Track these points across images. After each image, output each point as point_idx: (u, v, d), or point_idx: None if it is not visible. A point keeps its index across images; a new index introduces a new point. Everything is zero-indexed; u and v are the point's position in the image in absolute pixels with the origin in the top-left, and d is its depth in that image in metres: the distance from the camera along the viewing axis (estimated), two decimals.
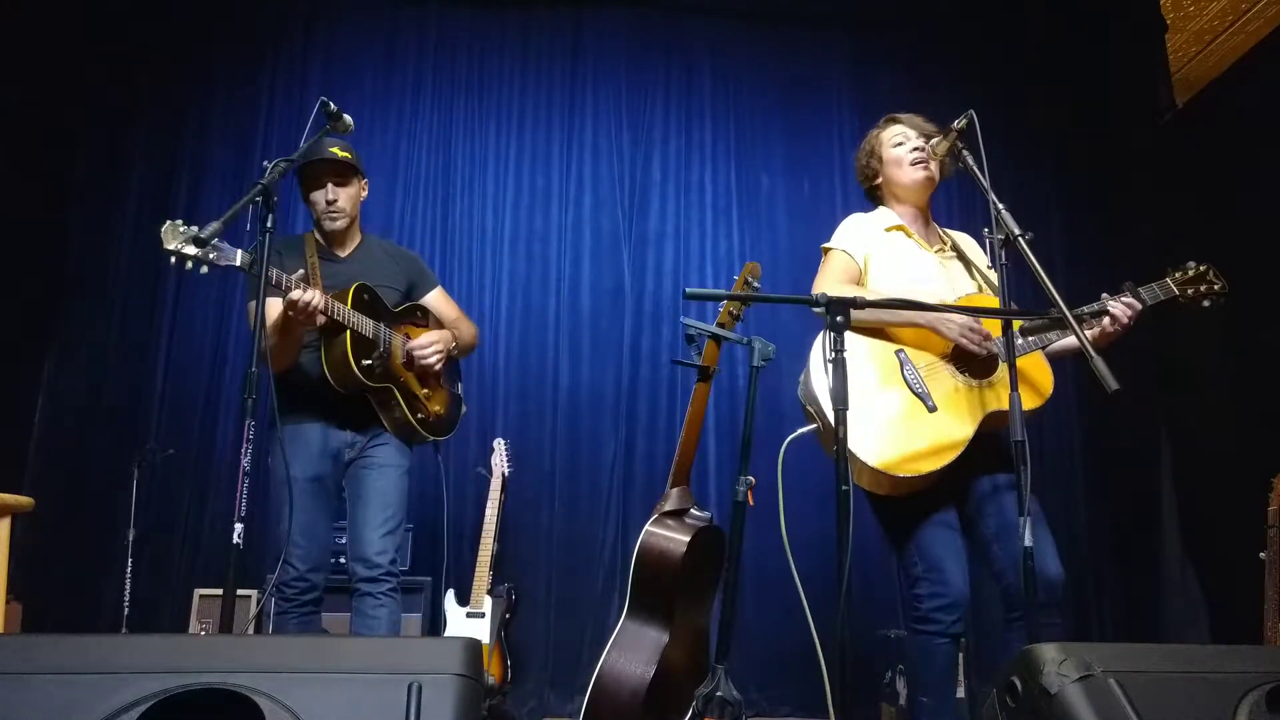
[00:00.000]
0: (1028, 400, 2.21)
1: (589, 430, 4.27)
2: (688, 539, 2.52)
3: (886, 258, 2.44)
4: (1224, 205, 3.90)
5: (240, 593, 2.79)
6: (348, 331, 2.50)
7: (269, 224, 2.13)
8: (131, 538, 3.67)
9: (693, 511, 2.63)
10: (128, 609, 3.62)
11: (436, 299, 2.92)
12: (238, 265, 2.21)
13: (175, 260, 2.14)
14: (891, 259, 2.43)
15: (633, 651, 2.49)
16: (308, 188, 2.72)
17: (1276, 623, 2.73)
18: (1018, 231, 2.09)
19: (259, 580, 3.53)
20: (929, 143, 2.41)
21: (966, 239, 2.63)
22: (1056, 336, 2.30)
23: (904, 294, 2.30)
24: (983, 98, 2.67)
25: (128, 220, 4.27)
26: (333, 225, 2.71)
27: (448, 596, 3.59)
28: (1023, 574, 1.93)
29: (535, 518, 4.14)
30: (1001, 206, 2.12)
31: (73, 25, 4.25)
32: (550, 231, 4.48)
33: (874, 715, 3.57)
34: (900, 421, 2.23)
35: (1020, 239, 2.08)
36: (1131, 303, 2.31)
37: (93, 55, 4.35)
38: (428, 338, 2.75)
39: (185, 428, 4.10)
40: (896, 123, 2.57)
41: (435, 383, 2.79)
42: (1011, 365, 2.05)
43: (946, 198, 4.24)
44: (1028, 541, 1.93)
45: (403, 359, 2.69)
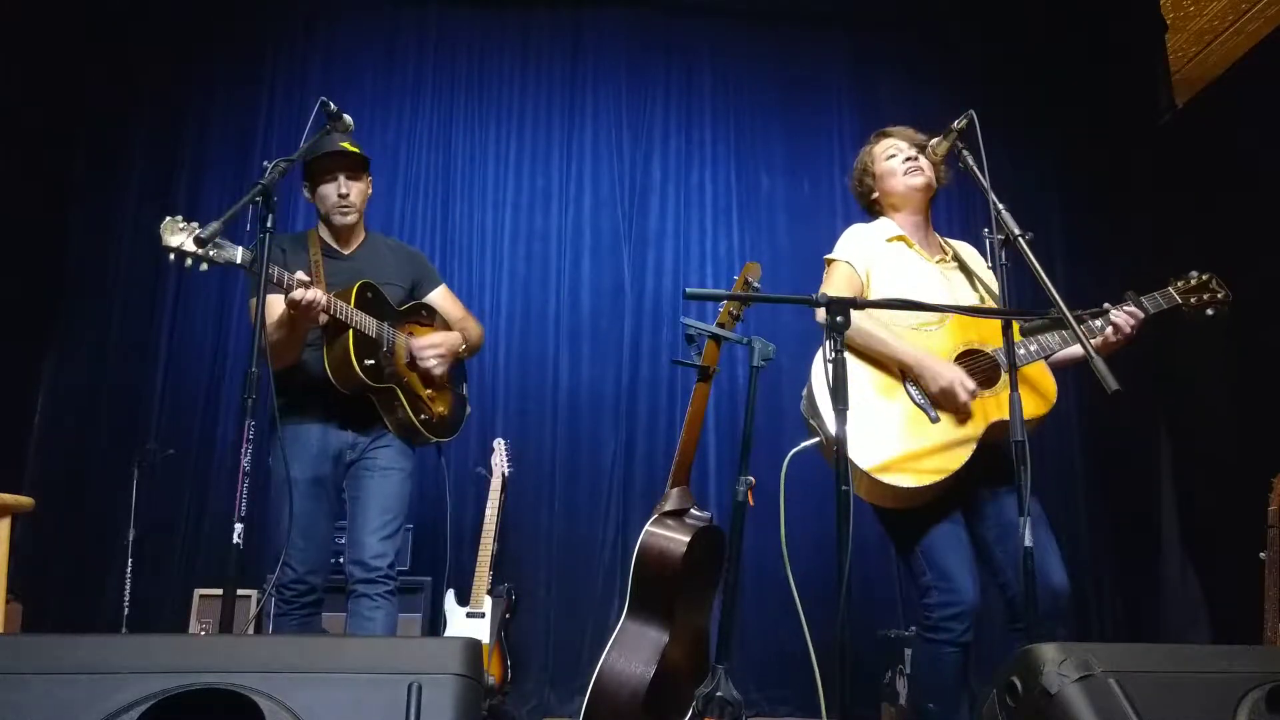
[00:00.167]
0: (1033, 407, 2.21)
1: (589, 430, 4.27)
2: (688, 539, 2.52)
3: (888, 269, 2.42)
4: (1224, 205, 3.89)
5: (240, 593, 2.78)
6: (350, 331, 2.45)
7: (269, 224, 2.11)
8: (131, 538, 3.67)
9: (693, 511, 2.63)
10: (128, 609, 3.62)
11: (441, 297, 2.87)
12: (238, 263, 2.18)
13: (175, 257, 2.12)
14: (893, 270, 2.42)
15: (633, 651, 2.49)
16: (316, 182, 2.67)
17: (1276, 623, 2.72)
18: (1018, 231, 2.08)
19: (259, 580, 3.53)
20: (929, 144, 2.41)
21: (968, 249, 2.62)
22: (1059, 345, 2.27)
23: (906, 315, 2.29)
24: (983, 98, 2.67)
25: (127, 220, 4.27)
26: (343, 220, 2.67)
27: (448, 596, 3.59)
28: (1023, 574, 1.93)
29: (535, 518, 4.14)
30: (1001, 206, 2.12)
31: (73, 25, 4.25)
32: (550, 231, 4.49)
33: (874, 715, 3.57)
34: (903, 433, 2.22)
35: (1020, 239, 2.07)
36: (1135, 312, 2.29)
37: (93, 55, 4.36)
38: (430, 339, 2.69)
39: (185, 428, 4.11)
40: (887, 136, 2.57)
41: (439, 383, 2.75)
42: (1012, 365, 2.04)
43: (946, 198, 4.22)
44: (1028, 542, 1.92)
45: (406, 359, 2.65)
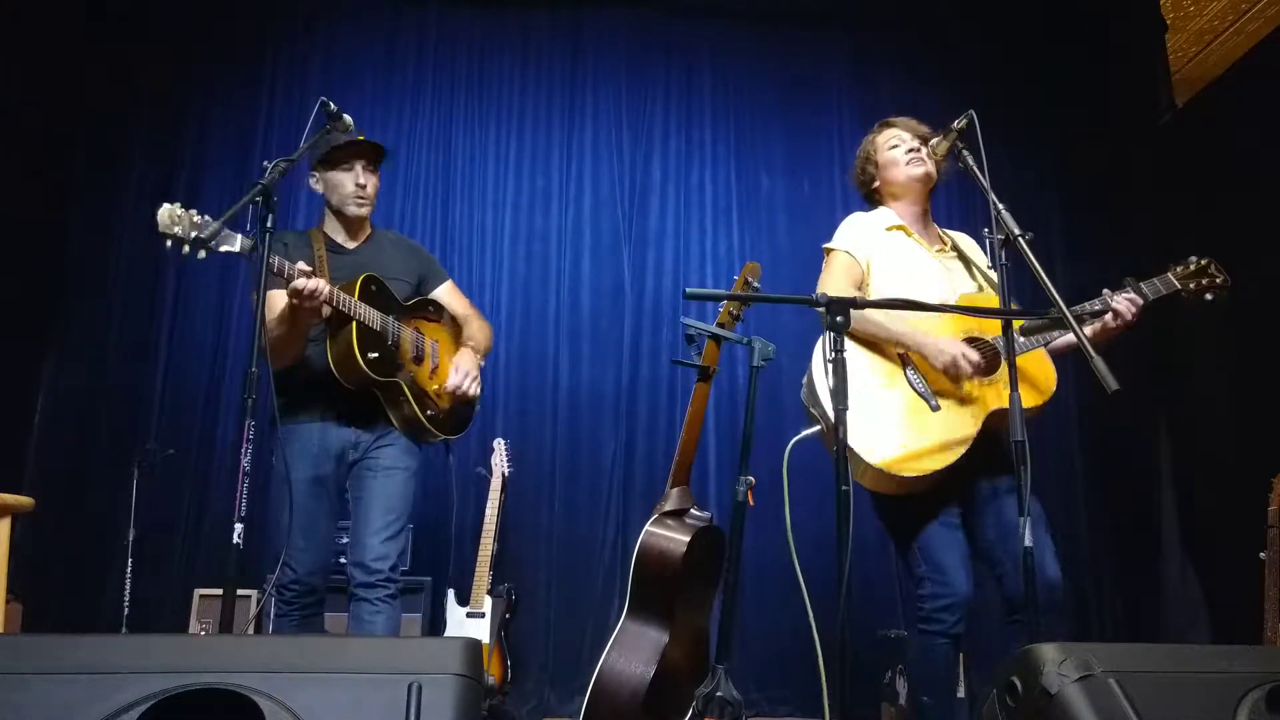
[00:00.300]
0: (1029, 398, 2.21)
1: (589, 430, 4.27)
2: (688, 539, 2.52)
3: (887, 258, 2.43)
4: (1224, 205, 3.89)
5: (240, 593, 2.78)
6: (354, 323, 2.41)
7: (269, 224, 2.09)
8: (131, 538, 3.67)
9: (693, 511, 2.63)
10: (128, 609, 3.62)
11: (448, 294, 2.83)
12: (237, 250, 2.13)
13: (172, 244, 2.06)
14: (892, 259, 2.43)
15: (633, 651, 2.49)
16: (331, 171, 2.61)
17: (1276, 623, 2.72)
18: (1018, 231, 2.09)
19: (259, 580, 3.53)
20: (929, 143, 2.41)
21: (967, 239, 2.63)
22: (1059, 333, 2.30)
23: (905, 296, 2.30)
24: (983, 98, 2.66)
25: (127, 220, 4.26)
26: (357, 210, 2.62)
27: (448, 596, 3.59)
28: (1023, 574, 1.93)
29: (535, 518, 4.14)
30: (1001, 206, 2.12)
31: (73, 25, 4.25)
32: (550, 231, 4.49)
33: (874, 715, 3.57)
34: (904, 421, 2.24)
35: (1020, 239, 2.08)
36: (1134, 299, 2.30)
37: (93, 55, 4.36)
38: (453, 369, 2.65)
39: (185, 428, 4.11)
40: (890, 126, 2.58)
41: (447, 376, 2.68)
42: (1011, 365, 2.05)
43: (946, 198, 4.24)
44: (1028, 542, 1.93)
45: (413, 354, 2.61)
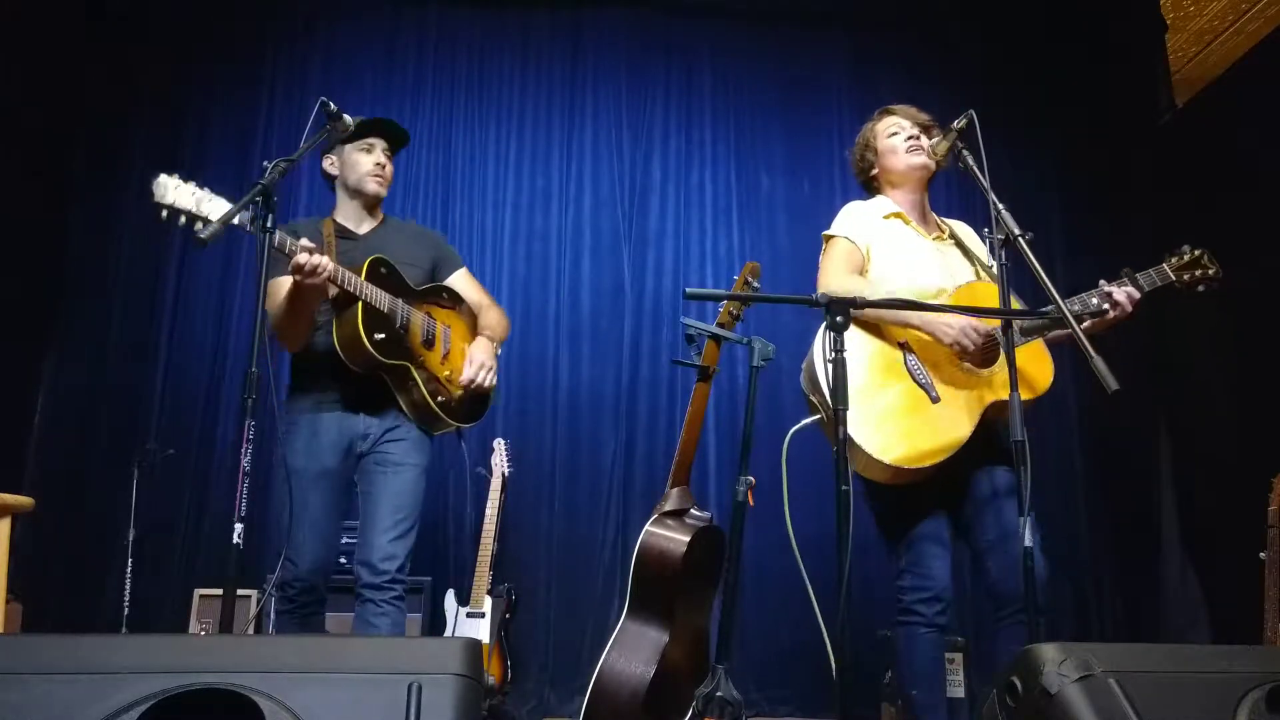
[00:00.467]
0: (1025, 392, 2.22)
1: (589, 430, 4.27)
2: (688, 539, 2.52)
3: (886, 244, 2.45)
4: (1224, 205, 3.89)
5: (240, 593, 2.78)
6: (359, 303, 2.33)
7: (269, 224, 2.07)
8: (131, 538, 3.66)
9: (693, 511, 2.63)
10: (128, 609, 3.61)
11: (463, 281, 2.75)
12: (236, 223, 2.06)
13: (167, 215, 2.00)
14: (891, 246, 2.45)
15: (633, 651, 2.49)
16: (350, 147, 2.57)
17: (1276, 623, 2.72)
18: (1018, 231, 2.09)
19: (259, 580, 3.53)
20: (929, 143, 2.42)
21: (964, 227, 2.65)
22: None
23: (904, 290, 2.31)
24: (983, 98, 2.67)
25: (127, 220, 4.26)
26: (376, 188, 2.58)
27: (448, 596, 3.59)
28: (1023, 574, 1.94)
29: (535, 518, 4.13)
30: (1001, 206, 2.12)
31: (73, 25, 4.25)
32: (550, 231, 4.48)
33: (874, 715, 3.56)
34: (904, 413, 2.25)
35: (1020, 239, 2.08)
36: (1132, 291, 2.32)
37: (93, 55, 4.35)
38: (468, 361, 2.58)
39: (185, 428, 4.10)
40: (890, 114, 2.59)
41: (460, 363, 2.60)
42: (1011, 365, 2.05)
43: (946, 197, 4.23)
44: (1028, 542, 1.94)
45: (423, 338, 2.53)
